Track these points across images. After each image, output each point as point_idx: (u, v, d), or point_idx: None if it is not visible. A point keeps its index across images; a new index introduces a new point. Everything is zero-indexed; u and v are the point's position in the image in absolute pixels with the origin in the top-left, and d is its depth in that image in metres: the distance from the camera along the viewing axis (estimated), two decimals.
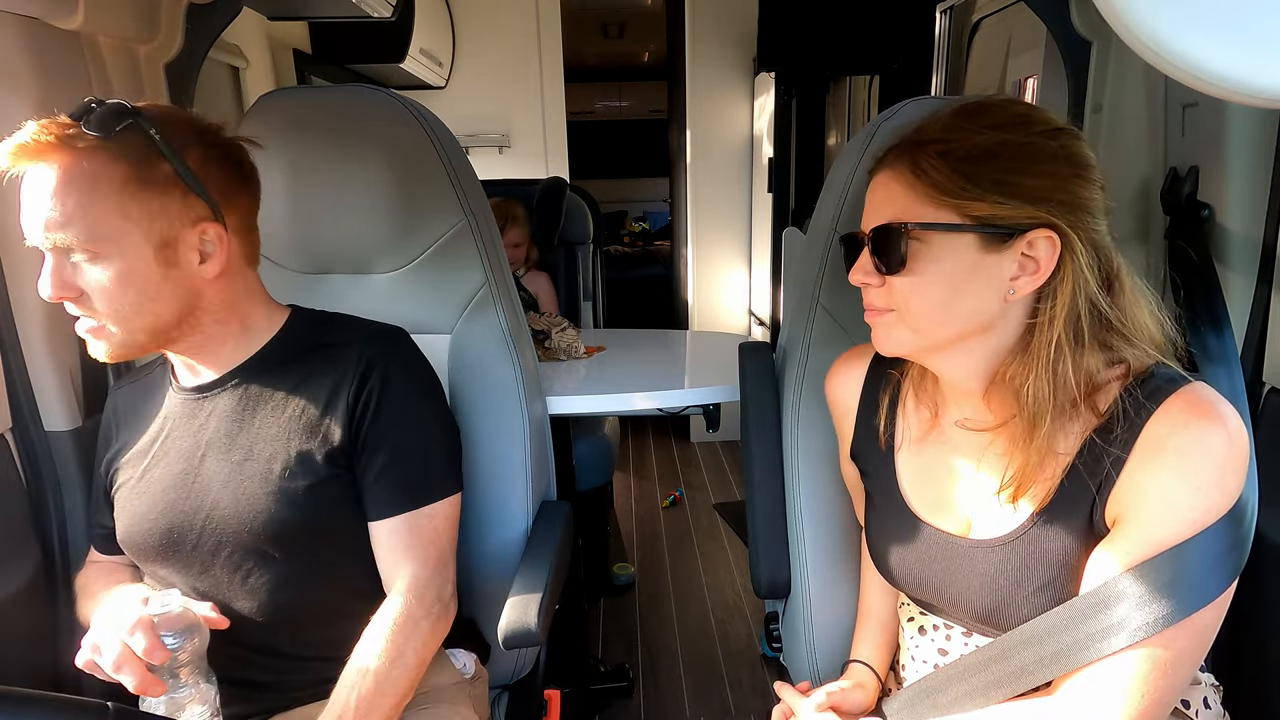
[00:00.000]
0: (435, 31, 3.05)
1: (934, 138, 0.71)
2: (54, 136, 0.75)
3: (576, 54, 4.25)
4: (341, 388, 0.91)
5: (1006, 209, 0.68)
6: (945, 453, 0.83)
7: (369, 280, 1.16)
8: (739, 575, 2.55)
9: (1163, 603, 0.64)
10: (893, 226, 0.72)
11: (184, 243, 0.82)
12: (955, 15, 2.17)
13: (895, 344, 0.77)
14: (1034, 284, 0.70)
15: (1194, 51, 0.50)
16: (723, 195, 3.53)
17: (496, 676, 1.15)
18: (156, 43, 1.16)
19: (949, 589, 0.80)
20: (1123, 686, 0.66)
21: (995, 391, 0.76)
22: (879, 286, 0.75)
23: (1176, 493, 0.65)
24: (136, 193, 0.78)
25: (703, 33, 3.34)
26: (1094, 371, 0.70)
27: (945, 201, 0.69)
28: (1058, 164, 0.69)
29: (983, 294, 0.71)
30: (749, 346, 1.17)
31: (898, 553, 0.84)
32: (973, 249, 0.70)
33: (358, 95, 1.12)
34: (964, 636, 0.83)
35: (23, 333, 0.99)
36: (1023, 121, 0.70)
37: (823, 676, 1.08)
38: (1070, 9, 1.17)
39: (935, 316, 0.73)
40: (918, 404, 0.86)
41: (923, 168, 0.70)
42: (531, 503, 1.17)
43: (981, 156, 0.69)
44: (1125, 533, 0.68)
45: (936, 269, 0.71)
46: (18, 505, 1.01)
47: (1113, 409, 0.69)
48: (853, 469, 0.94)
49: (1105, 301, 0.70)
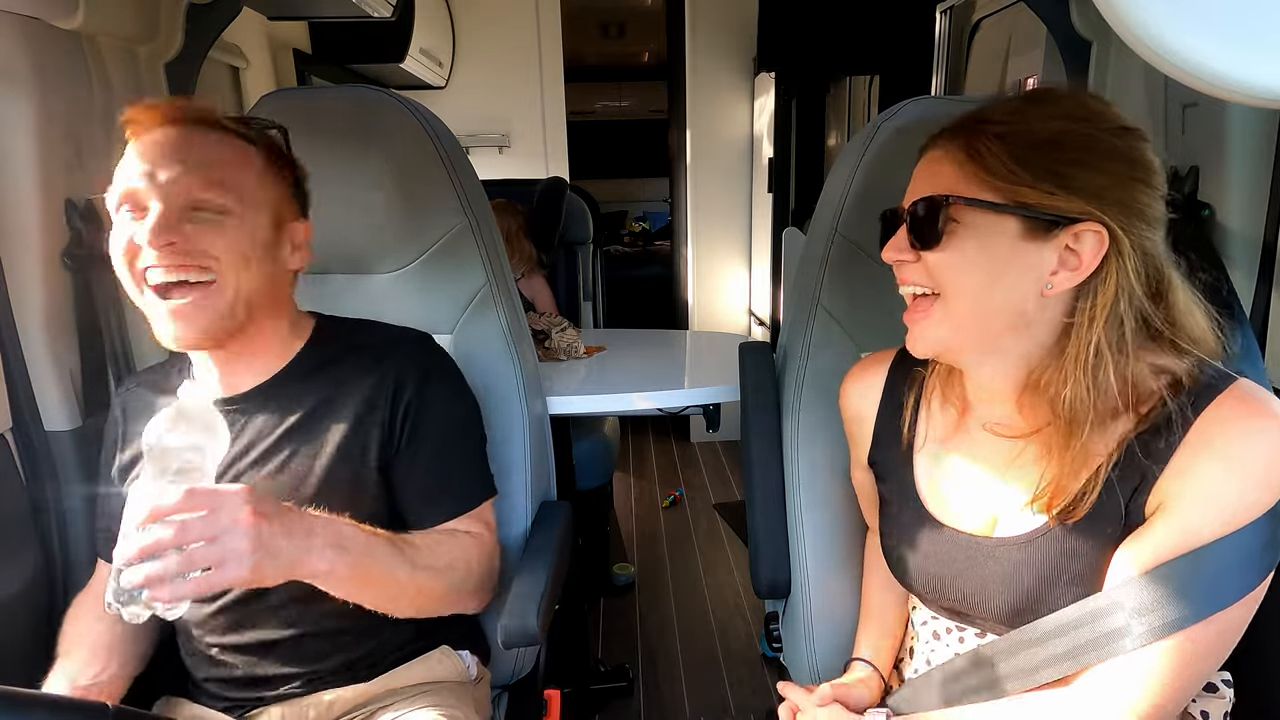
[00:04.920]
0: (435, 31, 3.05)
1: (995, 120, 0.69)
2: (211, 110, 0.84)
3: (576, 54, 4.24)
4: (377, 400, 0.92)
5: (1056, 199, 0.66)
6: (971, 455, 0.80)
7: (370, 280, 1.16)
8: (739, 575, 2.55)
9: (1192, 600, 0.63)
10: (934, 199, 0.70)
11: (286, 231, 0.90)
12: (955, 15, 2.17)
13: (932, 342, 0.75)
14: (1073, 280, 0.68)
15: (1194, 52, 0.50)
16: (723, 195, 3.53)
17: (497, 676, 1.15)
18: (156, 43, 1.16)
19: (972, 591, 0.78)
20: (1140, 682, 0.65)
21: (1029, 397, 0.74)
22: (913, 262, 0.73)
23: (1223, 487, 0.64)
24: (270, 178, 0.88)
25: (703, 33, 3.34)
26: (1138, 380, 0.68)
27: (993, 184, 0.67)
28: (1118, 163, 0.67)
29: (1019, 284, 0.69)
30: (749, 346, 1.17)
31: (916, 557, 0.82)
32: (1013, 234, 0.68)
33: (358, 95, 1.11)
34: (978, 639, 0.81)
35: (23, 333, 0.99)
36: (1090, 115, 0.68)
37: (823, 676, 1.07)
38: (1070, 9, 1.17)
39: (974, 308, 0.71)
40: (944, 403, 0.84)
41: (977, 149, 0.68)
42: (531, 503, 1.17)
43: (1040, 144, 0.67)
44: (1164, 524, 0.66)
45: (973, 247, 0.69)
46: (18, 505, 1.00)
47: (1157, 412, 0.67)
48: (867, 476, 0.93)
49: (1152, 310, 0.68)
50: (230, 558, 0.68)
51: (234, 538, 0.68)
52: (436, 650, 0.99)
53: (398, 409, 0.92)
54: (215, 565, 0.68)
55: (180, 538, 0.67)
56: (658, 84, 4.38)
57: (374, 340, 0.97)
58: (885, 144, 1.02)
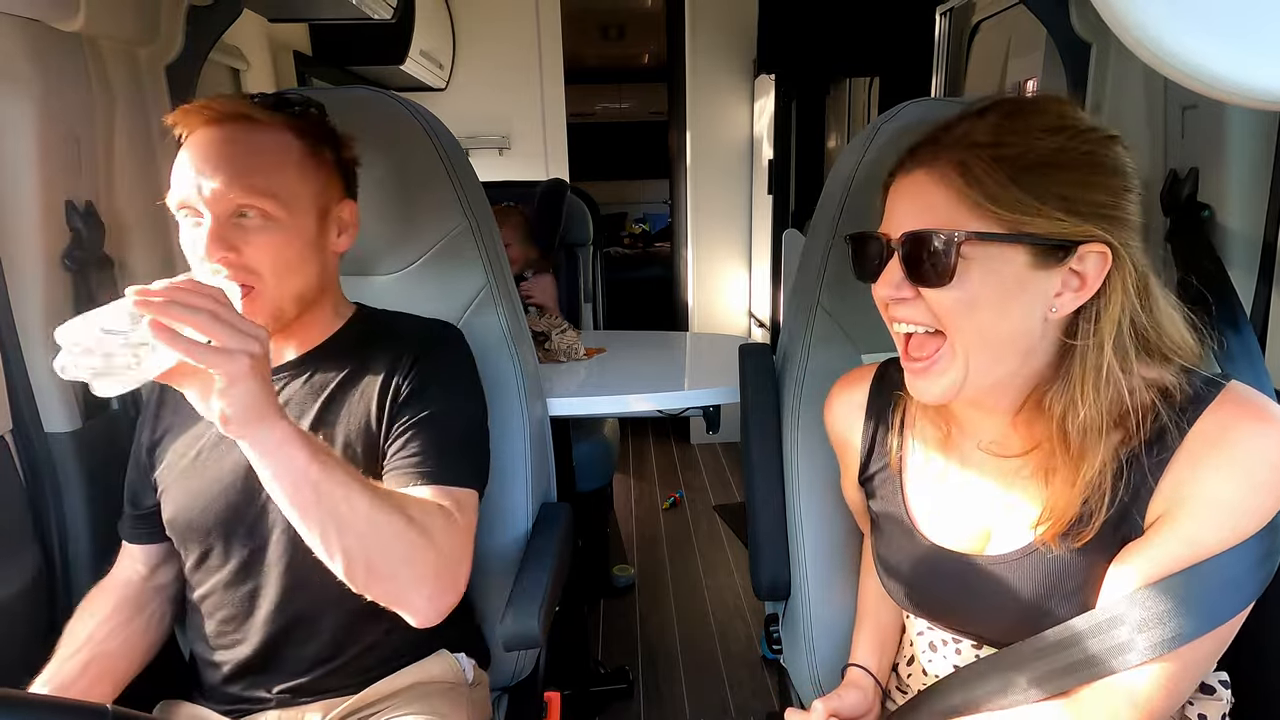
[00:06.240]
0: (435, 33, 3.05)
1: (984, 141, 0.65)
2: (245, 104, 0.85)
3: (576, 55, 4.24)
4: (392, 374, 0.93)
5: (1064, 225, 0.63)
6: (962, 474, 0.79)
7: (370, 282, 1.16)
8: (739, 577, 2.55)
9: (1194, 614, 0.62)
10: (938, 233, 0.64)
11: (333, 216, 0.92)
12: (955, 17, 2.17)
13: (944, 390, 0.70)
14: (1078, 301, 0.66)
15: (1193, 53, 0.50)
16: (722, 197, 3.54)
17: (496, 679, 1.15)
18: (157, 44, 1.16)
19: (966, 611, 0.77)
20: (1139, 695, 0.64)
21: (1025, 415, 0.72)
22: (911, 299, 0.68)
23: (1227, 491, 0.62)
24: (311, 167, 0.89)
25: (703, 35, 3.34)
26: (1135, 393, 0.66)
27: (996, 212, 0.63)
28: (1113, 176, 0.65)
29: (1026, 315, 0.66)
30: (749, 348, 1.17)
31: (908, 575, 0.81)
32: (1021, 264, 0.64)
33: (358, 97, 1.12)
34: (975, 650, 0.80)
35: (23, 334, 0.99)
36: (1079, 127, 0.65)
37: (823, 677, 1.08)
38: (1070, 11, 1.17)
39: (982, 345, 0.67)
40: (927, 423, 0.82)
41: (973, 173, 0.64)
42: (532, 504, 1.17)
43: (1041, 166, 0.63)
44: (1168, 531, 0.64)
45: (980, 283, 0.65)
46: (18, 506, 1.00)
47: (1150, 423, 0.66)
48: (858, 494, 0.91)
49: (1145, 321, 0.67)
50: (234, 348, 0.67)
51: (243, 341, 0.68)
52: (432, 654, 0.99)
53: (404, 378, 0.92)
54: (216, 341, 0.67)
55: (209, 307, 0.67)
56: (658, 86, 4.38)
57: (405, 327, 1.00)
58: (885, 145, 1.02)
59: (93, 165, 1.04)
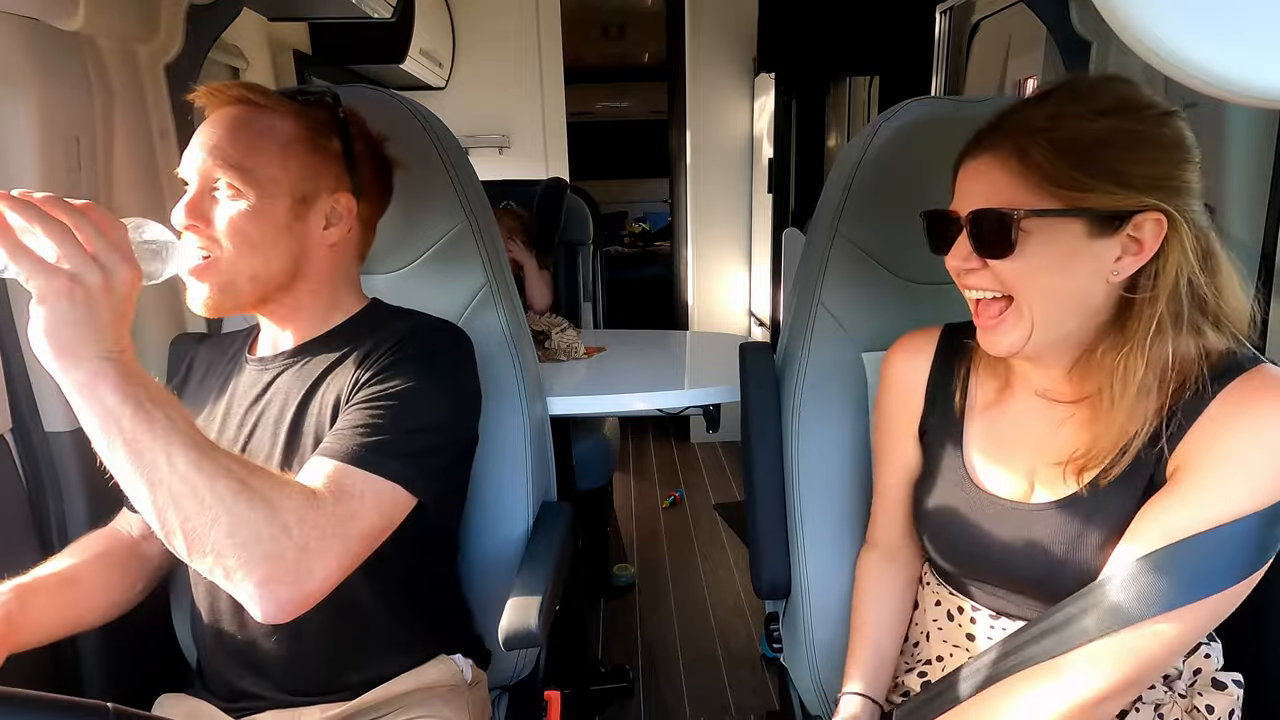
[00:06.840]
0: (435, 32, 3.05)
1: (1039, 123, 0.70)
2: (255, 89, 0.87)
3: (577, 55, 4.24)
4: (365, 361, 0.89)
5: (1117, 198, 0.68)
6: (1015, 420, 0.83)
7: (369, 281, 1.16)
8: (739, 576, 2.55)
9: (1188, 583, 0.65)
10: (999, 211, 0.71)
11: (317, 205, 0.90)
12: (955, 16, 2.18)
13: (1010, 345, 0.76)
14: (1137, 264, 0.70)
15: (1193, 52, 0.50)
16: (722, 196, 3.54)
17: (496, 678, 1.15)
18: (157, 43, 1.16)
19: (1003, 557, 0.80)
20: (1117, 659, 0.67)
21: (1081, 367, 0.77)
22: (979, 269, 0.75)
23: (1249, 455, 0.66)
24: (302, 152, 0.88)
25: (703, 33, 3.34)
26: (1184, 354, 0.71)
27: (1054, 190, 0.69)
28: (1168, 150, 0.69)
29: (1088, 278, 0.71)
30: (749, 347, 1.17)
31: (953, 526, 0.85)
32: (1079, 235, 0.70)
33: (358, 96, 1.11)
34: (991, 620, 0.83)
35: (22, 333, 0.99)
36: (1132, 106, 0.70)
37: (822, 677, 1.08)
38: (1070, 10, 1.17)
39: (1046, 306, 0.73)
40: (991, 373, 0.87)
41: (1031, 156, 0.70)
42: (532, 503, 1.17)
43: (1093, 145, 0.68)
44: (1185, 487, 0.69)
45: (1042, 253, 0.71)
46: (18, 506, 1.01)
47: (1189, 383, 0.70)
48: (914, 447, 0.93)
49: (1203, 281, 0.70)
50: (68, 267, 0.63)
51: (82, 263, 0.63)
52: (430, 660, 0.99)
53: (378, 358, 0.88)
54: (59, 254, 0.63)
55: (69, 220, 0.63)
56: (658, 85, 4.38)
57: (405, 321, 0.97)
58: (885, 144, 1.02)
59: (92, 164, 1.04)
